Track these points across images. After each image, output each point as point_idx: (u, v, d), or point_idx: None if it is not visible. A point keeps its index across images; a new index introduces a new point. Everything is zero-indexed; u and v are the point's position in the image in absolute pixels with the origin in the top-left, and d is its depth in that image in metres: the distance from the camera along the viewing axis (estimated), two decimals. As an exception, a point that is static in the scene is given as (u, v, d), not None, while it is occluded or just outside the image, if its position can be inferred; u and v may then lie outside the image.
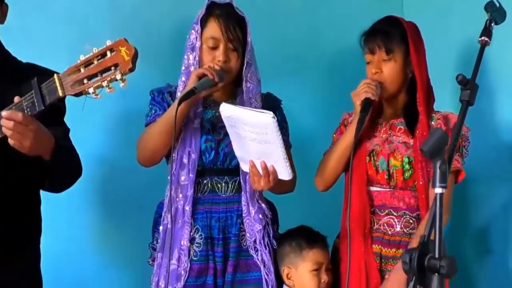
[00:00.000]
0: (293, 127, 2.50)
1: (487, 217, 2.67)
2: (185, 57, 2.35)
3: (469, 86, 1.73)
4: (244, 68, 2.35)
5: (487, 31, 1.90)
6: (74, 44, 2.60)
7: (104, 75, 1.80)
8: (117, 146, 2.81)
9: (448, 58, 2.75)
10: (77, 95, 1.83)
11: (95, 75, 1.81)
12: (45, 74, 1.99)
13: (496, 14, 1.93)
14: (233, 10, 2.34)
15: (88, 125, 2.65)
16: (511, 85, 2.57)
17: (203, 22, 2.33)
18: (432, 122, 2.34)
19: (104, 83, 1.79)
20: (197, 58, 2.32)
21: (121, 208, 2.78)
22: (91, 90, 1.80)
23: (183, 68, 2.35)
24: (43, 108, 1.85)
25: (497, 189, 2.60)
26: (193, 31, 2.33)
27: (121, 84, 1.79)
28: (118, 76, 1.77)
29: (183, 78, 2.34)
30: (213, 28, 2.30)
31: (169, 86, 2.42)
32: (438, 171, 1.44)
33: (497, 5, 1.97)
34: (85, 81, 1.81)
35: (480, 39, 1.90)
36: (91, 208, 2.77)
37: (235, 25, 2.31)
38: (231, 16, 2.32)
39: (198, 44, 2.32)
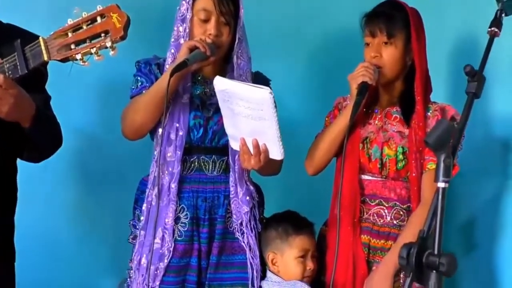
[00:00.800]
0: (281, 108, 2.41)
1: (474, 211, 2.63)
2: (175, 28, 2.25)
3: (476, 78, 1.66)
4: (235, 44, 2.26)
5: (496, 22, 1.83)
6: (58, 9, 2.57)
7: (93, 41, 1.70)
8: (97, 117, 2.73)
9: (442, 48, 2.68)
10: (63, 60, 1.73)
11: (83, 41, 1.71)
12: (28, 37, 1.88)
13: (507, 4, 1.86)
14: None
15: (68, 94, 2.55)
16: (503, 76, 2.51)
17: None
18: (429, 113, 2.28)
19: (93, 50, 1.70)
20: (187, 30, 2.22)
21: (100, 182, 2.71)
22: (78, 56, 1.71)
23: (172, 39, 2.25)
24: (26, 72, 1.75)
25: (484, 183, 2.55)
26: (184, 2, 2.23)
27: (111, 52, 1.70)
28: (108, 44, 1.68)
29: (172, 50, 2.24)
30: (206, 0, 2.21)
31: (157, 57, 2.32)
32: (442, 164, 1.38)
33: None
34: (72, 46, 1.72)
35: (489, 29, 1.83)
36: (69, 181, 2.69)
37: None
38: None
39: (189, 15, 2.22)
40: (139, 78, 2.27)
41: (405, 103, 2.30)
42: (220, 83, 2.09)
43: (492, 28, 1.82)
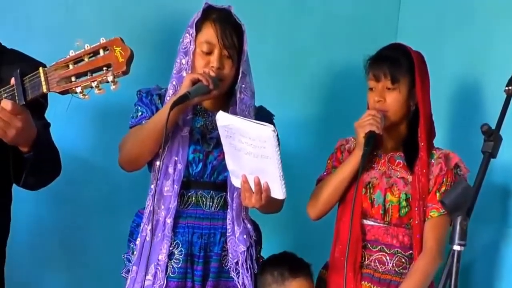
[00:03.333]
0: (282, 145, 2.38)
1: (472, 257, 2.58)
2: (177, 60, 2.22)
3: (493, 137, 1.62)
4: (238, 78, 2.22)
5: None
6: (59, 33, 2.55)
7: (94, 74, 1.66)
8: (94, 145, 2.68)
9: (440, 91, 2.66)
10: (63, 93, 1.69)
11: (84, 74, 1.67)
12: (31, 63, 1.86)
13: None
14: (230, 16, 2.21)
15: (64, 119, 2.49)
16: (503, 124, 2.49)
17: (199, 26, 2.20)
18: (432, 160, 2.26)
19: (94, 84, 1.65)
20: (190, 63, 2.19)
21: (95, 213, 2.64)
22: (78, 89, 1.66)
23: (174, 71, 2.22)
24: (24, 103, 1.71)
25: (483, 229, 2.51)
26: (187, 34, 2.20)
27: (112, 87, 1.66)
28: (110, 78, 1.63)
29: (174, 82, 2.20)
30: (209, 33, 2.18)
31: (159, 88, 2.28)
32: (458, 227, 1.35)
33: None
34: (72, 78, 1.67)
35: (506, 88, 1.81)
36: (61, 206, 2.62)
37: (231, 32, 2.18)
38: (228, 21, 2.19)
39: (191, 48, 2.18)
40: (139, 107, 2.24)
41: (408, 149, 2.28)
42: (223, 119, 2.05)
43: (509, 87, 1.79)
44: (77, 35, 2.49)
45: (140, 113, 2.22)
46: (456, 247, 1.39)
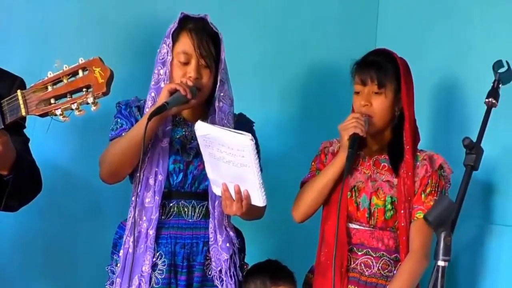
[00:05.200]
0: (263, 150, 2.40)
1: (455, 253, 2.60)
2: (155, 71, 2.21)
3: (474, 150, 1.65)
4: (217, 86, 2.23)
5: (494, 92, 1.83)
6: (38, 42, 2.54)
7: (74, 96, 1.65)
8: (75, 154, 2.66)
9: (423, 90, 2.69)
10: (42, 115, 1.67)
11: (63, 95, 1.66)
12: (7, 78, 1.87)
13: (503, 75, 1.85)
14: (207, 25, 2.21)
15: (44, 129, 2.48)
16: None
17: (175, 36, 2.20)
18: (417, 162, 2.28)
19: (74, 106, 1.64)
20: (167, 73, 2.19)
21: (78, 223, 2.63)
22: (58, 111, 1.65)
23: (152, 82, 2.22)
24: (3, 127, 1.69)
25: (464, 226, 2.54)
26: (164, 44, 2.20)
27: (93, 108, 1.65)
28: (90, 100, 1.63)
29: (153, 94, 2.21)
30: (185, 43, 2.18)
31: (137, 100, 2.28)
32: (442, 243, 1.37)
33: (505, 65, 1.89)
34: (52, 100, 1.66)
35: (486, 100, 1.84)
36: (43, 217, 2.60)
37: (208, 41, 2.18)
38: (204, 31, 2.19)
39: (169, 58, 2.19)
40: (119, 120, 2.24)
41: (393, 152, 2.30)
42: (202, 128, 2.06)
43: (490, 99, 1.81)
44: (56, 44, 2.55)
45: (119, 126, 2.22)
46: (441, 263, 1.42)
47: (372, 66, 2.26)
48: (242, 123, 2.32)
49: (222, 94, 2.25)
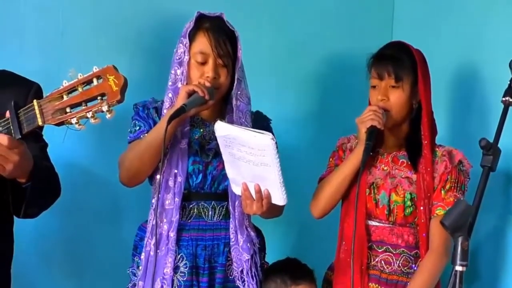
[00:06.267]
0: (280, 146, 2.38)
1: (475, 243, 2.60)
2: (172, 71, 2.20)
3: (491, 151, 1.62)
4: (234, 85, 2.22)
5: (511, 91, 1.79)
6: (53, 46, 2.54)
7: (89, 104, 1.64)
8: (94, 153, 2.66)
9: (438, 84, 2.65)
10: (58, 124, 1.67)
11: (79, 104, 1.65)
12: (23, 83, 1.85)
13: None
14: (223, 24, 2.20)
15: (63, 131, 2.50)
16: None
17: (192, 36, 2.18)
18: (436, 158, 2.25)
19: (89, 114, 1.64)
20: (184, 73, 2.18)
21: (97, 225, 2.64)
22: (74, 120, 1.64)
23: (169, 83, 2.21)
24: (20, 137, 1.70)
25: (486, 216, 2.51)
26: (180, 44, 2.19)
27: (108, 116, 1.64)
28: (105, 108, 1.62)
29: (170, 94, 2.20)
30: (202, 43, 2.17)
31: (155, 101, 2.28)
32: (459, 248, 1.35)
33: None
34: (67, 109, 1.66)
35: (503, 99, 1.80)
36: (62, 215, 2.58)
37: (225, 40, 2.17)
38: (221, 30, 2.18)
39: (186, 58, 2.17)
40: (137, 122, 2.23)
41: (411, 147, 2.28)
42: (221, 129, 2.05)
43: (506, 98, 1.78)
44: (72, 46, 2.56)
45: (138, 128, 2.22)
46: (458, 268, 1.39)
47: (389, 59, 2.24)
48: (259, 121, 2.31)
49: (239, 92, 2.23)
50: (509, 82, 1.84)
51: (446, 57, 2.72)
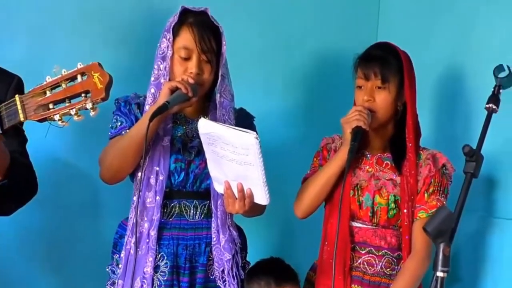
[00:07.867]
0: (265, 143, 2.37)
1: (457, 246, 2.60)
2: (155, 66, 2.16)
3: (474, 158, 1.62)
4: (218, 81, 2.19)
5: (494, 98, 1.79)
6: (41, 32, 2.49)
7: (73, 101, 1.61)
8: (75, 147, 2.62)
9: (423, 85, 2.66)
10: (40, 121, 1.64)
11: (62, 101, 1.62)
12: (2, 76, 1.84)
13: (504, 80, 1.82)
14: (208, 19, 2.16)
15: (45, 127, 2.45)
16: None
17: (176, 31, 2.15)
18: (420, 161, 2.25)
19: (72, 111, 1.61)
20: (167, 69, 2.14)
21: (77, 221, 2.60)
22: (57, 117, 1.62)
23: (152, 78, 2.17)
24: (0, 132, 1.66)
25: (467, 219, 2.53)
26: (164, 39, 2.15)
27: (92, 113, 1.62)
28: (89, 105, 1.59)
29: (153, 90, 2.16)
30: (186, 38, 2.13)
31: (137, 96, 2.24)
32: (441, 254, 1.35)
33: (506, 70, 1.85)
34: (50, 106, 1.62)
35: (487, 106, 1.80)
36: (44, 210, 2.56)
37: (209, 36, 2.14)
38: (205, 25, 2.14)
39: (169, 53, 2.14)
40: (118, 117, 2.19)
41: (396, 149, 2.27)
42: (205, 126, 2.02)
43: (490, 105, 1.78)
44: (56, 38, 2.51)
45: (119, 124, 2.18)
46: (440, 274, 1.40)
47: (376, 60, 2.22)
48: (243, 118, 2.28)
49: (223, 89, 2.20)
50: (493, 89, 1.83)
51: (431, 58, 2.71)
